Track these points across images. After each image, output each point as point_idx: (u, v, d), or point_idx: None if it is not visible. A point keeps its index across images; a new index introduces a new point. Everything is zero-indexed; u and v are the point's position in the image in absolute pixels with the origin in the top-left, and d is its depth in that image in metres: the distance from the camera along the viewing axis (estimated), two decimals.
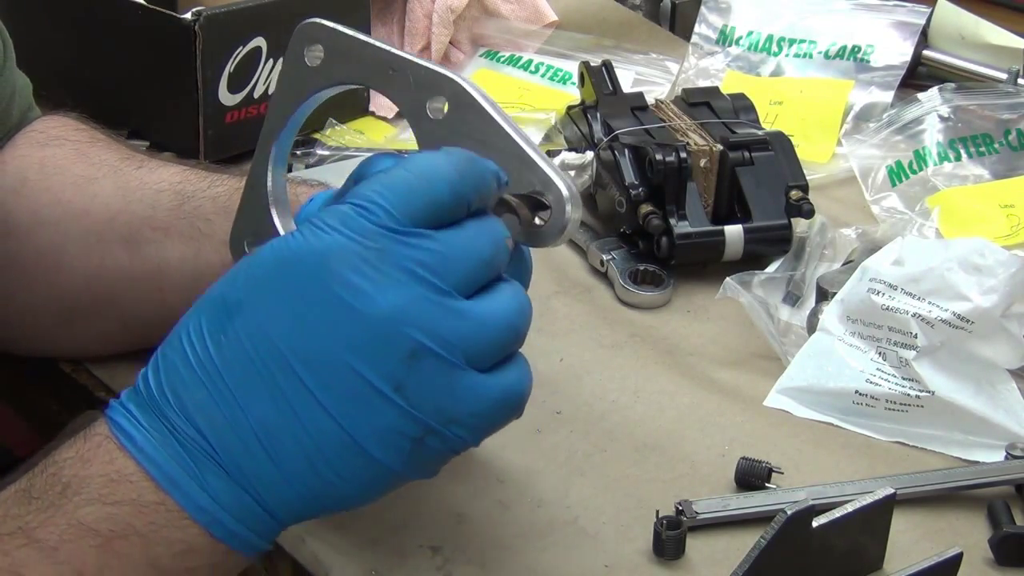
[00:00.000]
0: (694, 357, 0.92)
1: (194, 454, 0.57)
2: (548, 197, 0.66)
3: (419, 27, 1.29)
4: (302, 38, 0.71)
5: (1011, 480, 0.79)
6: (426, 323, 0.57)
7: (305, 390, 0.57)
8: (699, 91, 1.11)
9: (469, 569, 0.72)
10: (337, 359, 0.57)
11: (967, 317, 0.82)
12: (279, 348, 0.57)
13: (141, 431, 0.58)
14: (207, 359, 0.58)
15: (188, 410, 0.58)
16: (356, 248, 0.57)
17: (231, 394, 0.57)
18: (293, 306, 0.57)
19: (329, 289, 0.57)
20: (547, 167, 0.67)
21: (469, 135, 0.68)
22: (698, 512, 0.75)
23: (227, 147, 1.11)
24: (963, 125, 1.16)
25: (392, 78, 0.69)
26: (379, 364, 0.57)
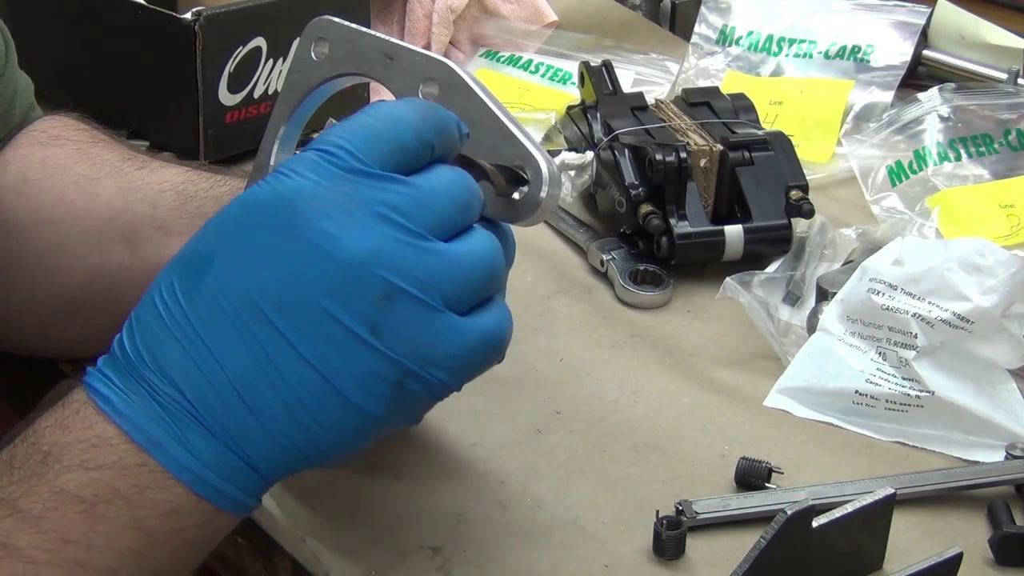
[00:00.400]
0: (694, 357, 0.92)
1: (174, 413, 0.57)
2: (527, 172, 0.66)
3: (419, 27, 1.29)
4: (311, 34, 0.72)
5: (1011, 480, 0.79)
6: (399, 264, 0.57)
7: (281, 338, 0.56)
8: (699, 91, 1.11)
9: (469, 569, 0.72)
10: (310, 304, 0.56)
11: (967, 317, 0.82)
12: (252, 297, 0.57)
13: (119, 394, 0.57)
14: (180, 316, 0.57)
15: (165, 369, 0.57)
16: (324, 192, 0.57)
17: (207, 349, 0.57)
18: (263, 254, 0.57)
19: (298, 234, 0.57)
20: (528, 144, 0.67)
21: (458, 115, 0.68)
22: (698, 512, 0.75)
23: (227, 147, 1.11)
24: (963, 125, 1.16)
25: (389, 66, 0.70)
26: (353, 307, 0.56)
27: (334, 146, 0.59)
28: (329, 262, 0.56)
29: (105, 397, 0.57)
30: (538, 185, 0.66)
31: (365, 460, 0.78)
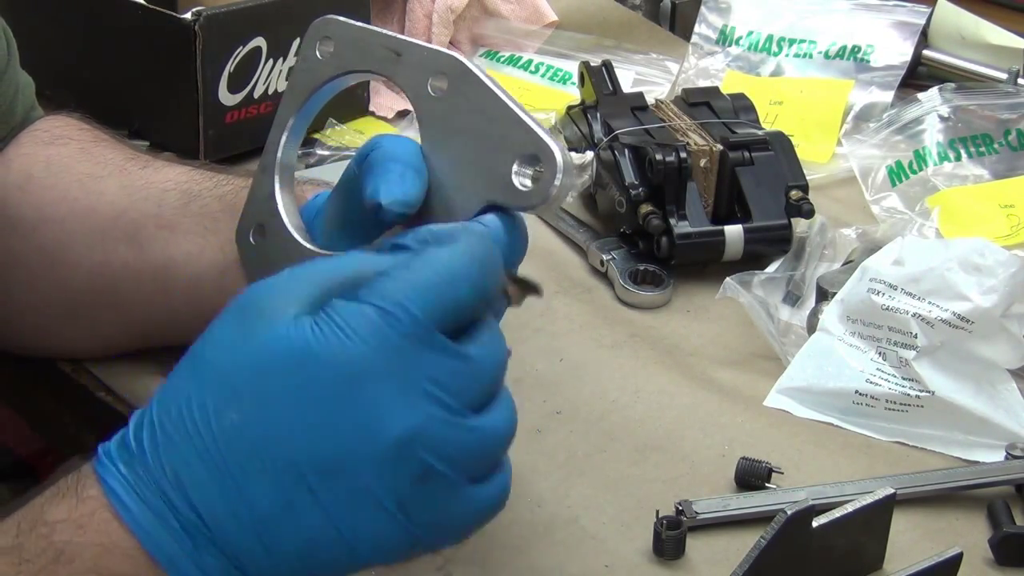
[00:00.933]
0: (694, 357, 0.92)
1: (192, 533, 0.56)
2: (540, 160, 0.66)
3: (419, 27, 1.29)
4: (315, 34, 0.73)
5: (1011, 480, 0.79)
6: (438, 445, 0.57)
7: (309, 492, 0.56)
8: (699, 91, 1.11)
9: (469, 569, 0.72)
10: (348, 472, 0.56)
11: (967, 317, 0.82)
12: (290, 448, 0.56)
13: (137, 503, 0.56)
14: (210, 440, 0.56)
15: (186, 488, 0.56)
16: (380, 365, 0.56)
17: (233, 481, 0.56)
18: (309, 414, 0.56)
19: (348, 403, 0.56)
20: (542, 131, 0.67)
21: (468, 107, 0.68)
22: (698, 512, 0.75)
23: (227, 147, 1.11)
24: (963, 125, 1.16)
25: (397, 63, 0.70)
26: (389, 482, 0.57)
27: (396, 306, 0.56)
28: (374, 437, 0.56)
29: (124, 504, 0.56)
30: (552, 172, 0.65)
31: None
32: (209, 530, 0.56)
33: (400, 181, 0.64)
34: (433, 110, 0.70)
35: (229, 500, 0.56)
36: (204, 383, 0.57)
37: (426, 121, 0.70)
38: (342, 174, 0.73)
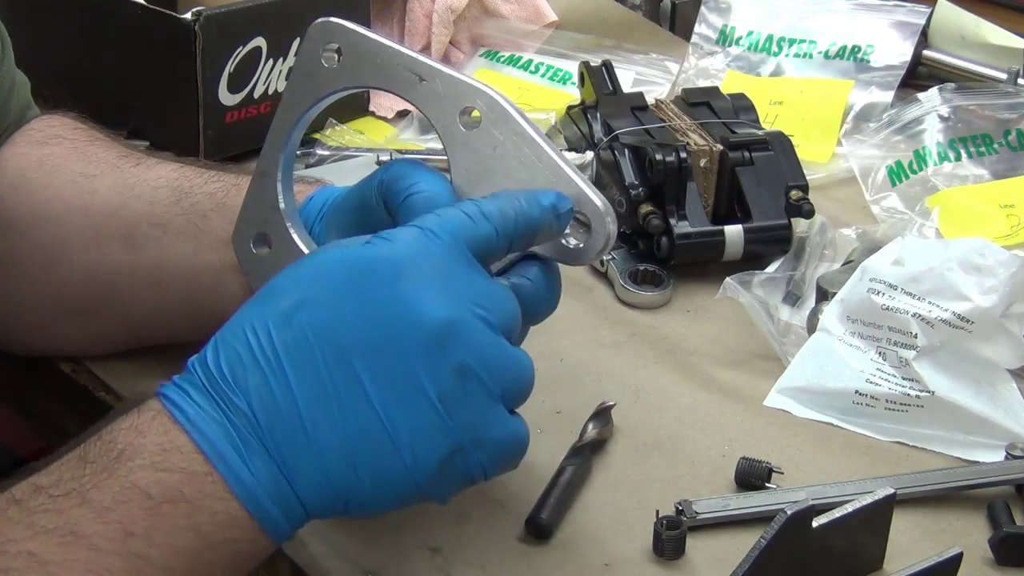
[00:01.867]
0: (694, 357, 0.92)
1: (242, 434, 0.60)
2: (586, 214, 0.68)
3: (419, 27, 1.29)
4: (318, 37, 0.71)
5: (1011, 480, 0.79)
6: (476, 346, 0.62)
7: (357, 384, 0.61)
8: (699, 91, 1.11)
9: (469, 571, 0.72)
10: (396, 358, 0.61)
11: (967, 317, 0.82)
12: (342, 343, 0.61)
13: (195, 407, 0.61)
14: (269, 346, 0.61)
15: (245, 391, 0.61)
16: (427, 262, 0.63)
17: (286, 379, 0.61)
18: (360, 307, 0.61)
19: (397, 294, 0.62)
20: (588, 188, 0.69)
21: (504, 149, 0.69)
22: (698, 512, 0.75)
23: (227, 147, 1.11)
24: (963, 125, 1.16)
25: (420, 88, 0.70)
26: (431, 370, 0.61)
27: (437, 227, 0.64)
28: (421, 324, 0.61)
29: (181, 408, 0.61)
30: (602, 234, 0.69)
31: None
32: (260, 426, 0.60)
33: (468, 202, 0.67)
34: (465, 144, 0.70)
35: (280, 394, 0.61)
36: (263, 301, 0.63)
37: (458, 155, 0.70)
38: (354, 192, 0.74)
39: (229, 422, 0.61)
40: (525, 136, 0.69)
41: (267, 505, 0.61)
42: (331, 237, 0.75)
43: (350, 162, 1.10)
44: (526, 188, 0.68)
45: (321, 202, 0.78)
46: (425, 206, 0.68)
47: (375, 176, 0.72)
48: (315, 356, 0.61)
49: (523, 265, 0.69)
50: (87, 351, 0.88)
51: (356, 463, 0.61)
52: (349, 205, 0.75)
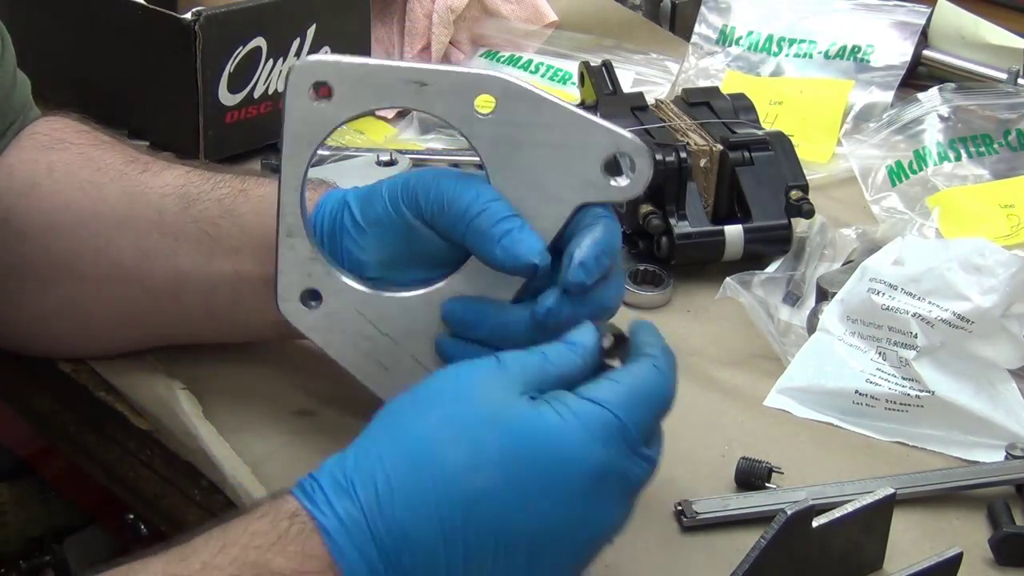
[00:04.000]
0: (694, 357, 0.92)
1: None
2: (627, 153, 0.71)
3: (419, 27, 1.29)
4: (302, 78, 0.70)
5: (1011, 480, 0.79)
6: (620, 531, 0.66)
7: (511, 566, 0.61)
8: (699, 91, 1.11)
9: None
10: (555, 551, 0.62)
11: (967, 317, 0.82)
12: (514, 529, 0.61)
13: (361, 564, 0.59)
14: (449, 505, 0.60)
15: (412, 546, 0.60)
16: (614, 470, 0.63)
17: (460, 547, 0.60)
18: (543, 505, 0.61)
19: (584, 500, 0.62)
20: (619, 129, 0.71)
21: (528, 122, 0.70)
22: (698, 512, 0.75)
23: (227, 147, 1.11)
24: (963, 125, 1.16)
25: (423, 92, 0.70)
26: (583, 562, 0.64)
27: (630, 419, 0.63)
28: (593, 531, 0.64)
29: (350, 564, 0.59)
30: (645, 163, 0.71)
31: None
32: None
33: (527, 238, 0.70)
34: (488, 130, 0.71)
35: (448, 559, 0.60)
36: (448, 449, 0.61)
37: (484, 143, 0.71)
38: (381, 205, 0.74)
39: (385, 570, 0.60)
40: (545, 101, 0.70)
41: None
42: (365, 255, 0.75)
43: (350, 162, 1.10)
44: (558, 150, 0.70)
45: (332, 212, 0.77)
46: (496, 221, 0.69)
47: (420, 198, 0.72)
48: (483, 531, 0.60)
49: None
50: (100, 354, 0.87)
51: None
52: (380, 218, 0.74)
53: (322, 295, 0.75)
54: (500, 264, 0.70)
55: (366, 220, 0.75)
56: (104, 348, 0.87)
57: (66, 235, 0.82)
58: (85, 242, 0.81)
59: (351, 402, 0.79)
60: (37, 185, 0.82)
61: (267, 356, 0.86)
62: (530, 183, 0.71)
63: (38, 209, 0.82)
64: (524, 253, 0.69)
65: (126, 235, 0.81)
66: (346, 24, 1.17)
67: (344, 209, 0.76)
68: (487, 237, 0.70)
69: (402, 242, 0.74)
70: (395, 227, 0.74)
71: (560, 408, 0.62)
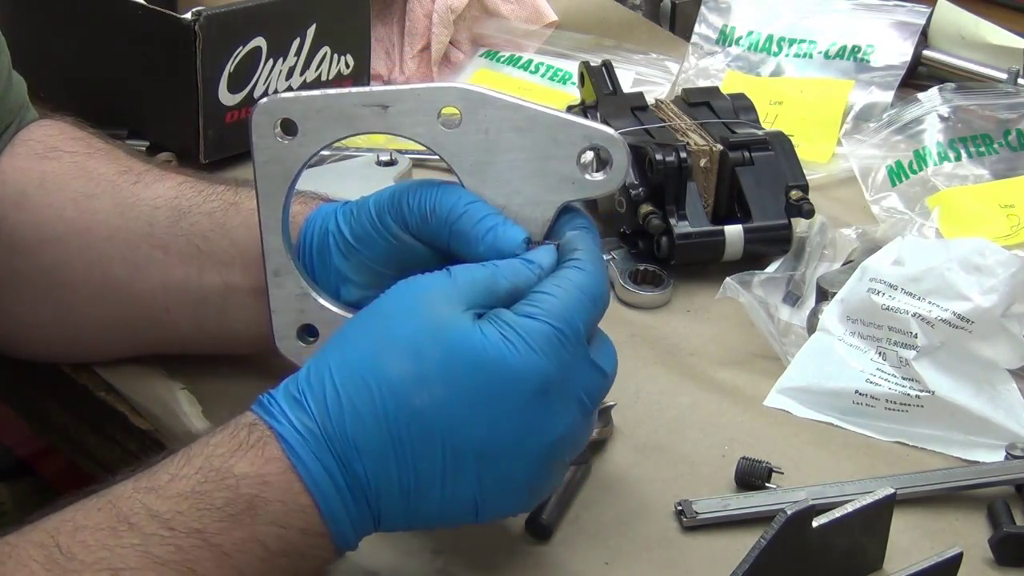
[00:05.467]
0: (694, 357, 0.92)
1: (358, 500, 0.64)
2: (602, 145, 0.70)
3: (419, 27, 1.29)
4: (266, 118, 0.70)
5: (1011, 480, 0.79)
6: (575, 444, 0.69)
7: (464, 474, 0.64)
8: (699, 91, 1.11)
9: (470, 571, 0.72)
10: (506, 464, 0.65)
11: (967, 317, 0.82)
12: (463, 438, 0.64)
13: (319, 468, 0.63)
14: (395, 418, 0.64)
15: (363, 456, 0.63)
16: (557, 378, 0.65)
17: (409, 456, 0.64)
18: (491, 414, 0.64)
19: (528, 411, 0.65)
20: (587, 121, 0.71)
21: (494, 125, 0.70)
22: (698, 512, 0.76)
23: (227, 147, 1.11)
24: (963, 125, 1.16)
25: (386, 114, 0.70)
26: (537, 473, 0.67)
27: (567, 325, 0.66)
28: (541, 439, 0.66)
29: (307, 469, 0.63)
30: (620, 154, 0.70)
31: None
32: (369, 491, 0.64)
33: (508, 230, 0.71)
34: (456, 143, 0.71)
35: (399, 471, 0.64)
36: (391, 363, 0.64)
37: (455, 155, 0.71)
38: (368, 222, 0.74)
39: (348, 488, 0.64)
40: (511, 105, 0.70)
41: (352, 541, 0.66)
42: (355, 274, 0.75)
43: (350, 162, 1.10)
44: (532, 151, 0.70)
45: (321, 230, 0.77)
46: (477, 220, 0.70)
47: (405, 209, 0.73)
48: (434, 440, 0.64)
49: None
50: (93, 360, 0.87)
51: (443, 522, 0.67)
52: (368, 233, 0.75)
53: (318, 330, 0.75)
54: (486, 260, 0.70)
55: (354, 236, 0.75)
56: (96, 355, 0.87)
57: (57, 247, 0.81)
58: (76, 254, 0.81)
59: None
60: (28, 196, 0.82)
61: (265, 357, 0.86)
62: (509, 190, 0.71)
63: (29, 222, 0.82)
64: (507, 245, 0.70)
65: (116, 247, 0.81)
66: (346, 24, 1.17)
67: (334, 226, 0.76)
68: (470, 237, 0.70)
69: (391, 256, 0.74)
70: (383, 241, 0.74)
71: (499, 325, 0.65)
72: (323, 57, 1.16)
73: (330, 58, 1.16)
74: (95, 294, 0.82)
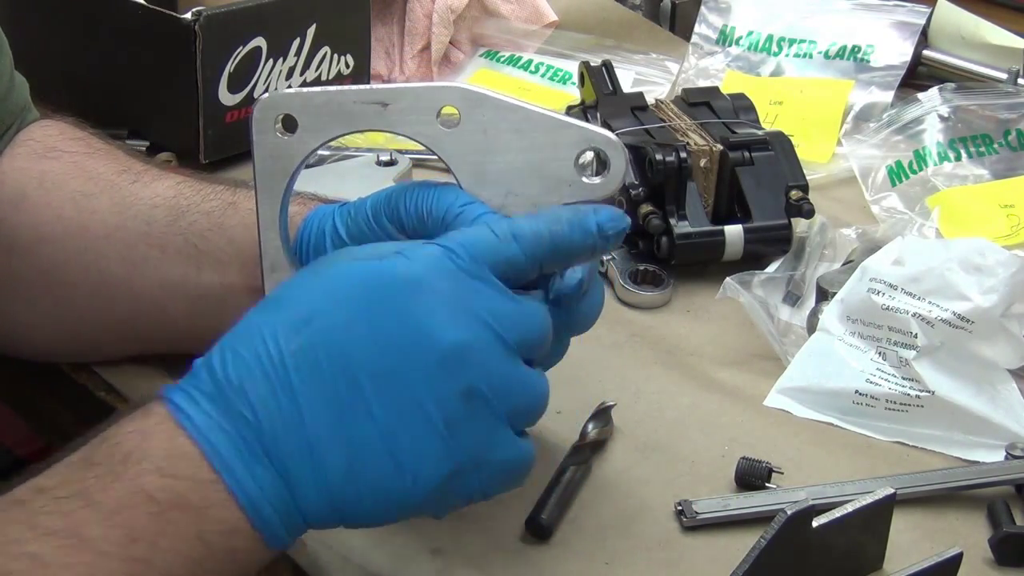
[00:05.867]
0: (694, 357, 0.92)
1: (248, 443, 0.60)
2: (602, 151, 0.70)
3: (419, 27, 1.29)
4: (266, 114, 0.71)
5: (1011, 480, 0.79)
6: (486, 368, 0.63)
7: (364, 403, 0.61)
8: (699, 91, 1.11)
9: (469, 571, 0.72)
10: (402, 382, 0.61)
11: (967, 317, 0.82)
12: (350, 359, 0.61)
13: (202, 415, 0.61)
14: (278, 357, 0.61)
15: (251, 401, 0.61)
16: (440, 284, 0.62)
17: (293, 394, 0.61)
18: (372, 324, 0.62)
19: (410, 314, 0.62)
20: (585, 124, 0.70)
21: (492, 126, 0.70)
22: (698, 512, 0.76)
23: (227, 147, 1.11)
24: (963, 125, 1.16)
25: (386, 113, 0.70)
26: (438, 391, 0.62)
27: (457, 246, 0.64)
28: (431, 347, 0.62)
29: (188, 415, 0.61)
30: (618, 159, 0.70)
31: None
32: (265, 439, 0.60)
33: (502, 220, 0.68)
34: (455, 142, 0.70)
35: (286, 409, 0.61)
36: (277, 312, 0.63)
37: (453, 155, 0.71)
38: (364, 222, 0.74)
39: (235, 430, 0.61)
40: (509, 106, 0.70)
41: (268, 515, 0.61)
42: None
43: (351, 162, 1.10)
44: (530, 153, 0.70)
45: (317, 231, 0.77)
46: (473, 216, 0.69)
47: (401, 209, 0.72)
48: (323, 371, 0.61)
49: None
50: (91, 359, 0.88)
51: (357, 479, 0.61)
52: (364, 234, 0.74)
53: None
54: None
55: (350, 236, 0.75)
56: (94, 354, 0.87)
57: (55, 246, 0.82)
58: (74, 253, 0.81)
59: None
60: (27, 196, 0.82)
61: None
62: (507, 190, 0.71)
63: (28, 222, 0.82)
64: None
65: (114, 246, 0.81)
66: (346, 24, 1.17)
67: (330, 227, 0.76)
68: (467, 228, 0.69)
69: None
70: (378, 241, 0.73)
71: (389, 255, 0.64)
72: (323, 57, 1.16)
73: (330, 58, 1.16)
74: (93, 293, 0.82)
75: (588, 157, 0.71)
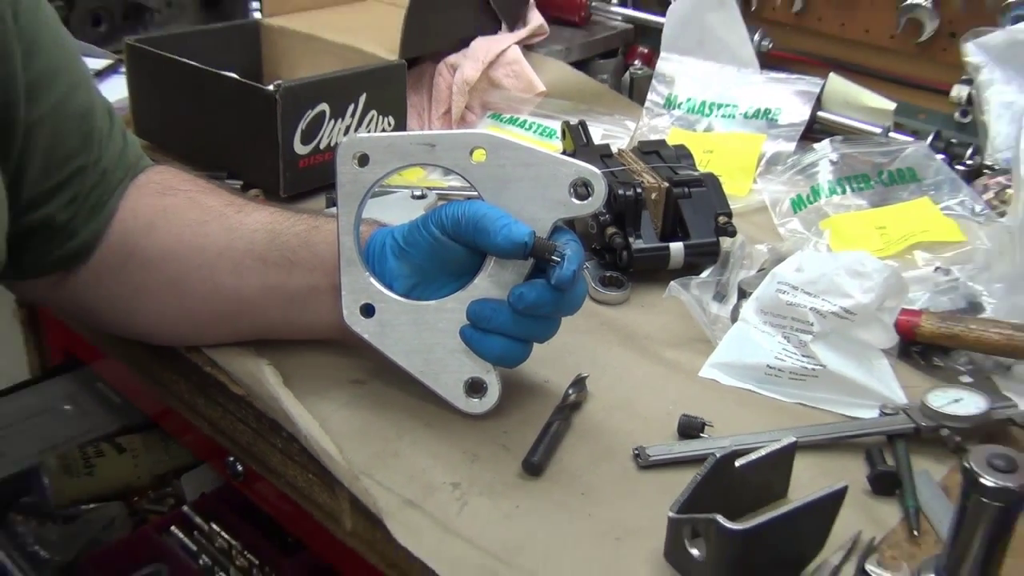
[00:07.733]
0: (647, 340, 0.92)
1: None
2: (587, 179, 0.72)
3: (442, 95, 1.30)
4: (348, 151, 0.73)
5: (883, 431, 0.79)
6: None
7: None
8: (651, 143, 1.10)
9: (481, 499, 0.72)
10: None
11: (851, 310, 0.82)
12: None
13: None
14: None
15: None
16: None
17: None
18: None
19: None
20: (577, 161, 0.72)
21: (512, 164, 0.72)
22: (650, 455, 0.76)
23: (300, 185, 1.11)
24: (847, 167, 1.16)
25: (433, 151, 0.72)
26: None
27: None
28: None
29: None
30: (599, 185, 0.72)
31: (404, 412, 0.79)
32: None
33: (518, 227, 0.72)
34: (482, 174, 0.73)
35: None
36: None
37: (481, 183, 0.73)
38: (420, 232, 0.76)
39: None
40: (521, 148, 0.72)
41: None
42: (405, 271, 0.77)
43: (392, 195, 1.10)
44: (536, 182, 0.72)
45: (380, 243, 0.78)
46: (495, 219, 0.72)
47: (443, 217, 0.74)
48: None
49: None
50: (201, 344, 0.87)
51: None
52: (417, 240, 0.76)
53: (375, 308, 0.76)
54: (501, 248, 0.72)
55: (405, 241, 0.76)
56: (206, 341, 0.86)
57: (178, 263, 0.81)
58: (193, 268, 0.81)
59: (392, 375, 0.79)
60: (155, 225, 0.82)
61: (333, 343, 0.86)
62: (518, 208, 0.73)
63: (157, 244, 0.81)
64: (517, 236, 0.71)
65: (225, 262, 0.81)
66: (388, 93, 1.17)
67: (390, 239, 0.78)
68: (490, 232, 0.72)
69: (433, 253, 0.75)
70: (425, 242, 0.75)
71: None
72: (371, 118, 1.16)
73: (376, 119, 1.16)
74: (207, 297, 0.82)
75: (579, 185, 0.72)
